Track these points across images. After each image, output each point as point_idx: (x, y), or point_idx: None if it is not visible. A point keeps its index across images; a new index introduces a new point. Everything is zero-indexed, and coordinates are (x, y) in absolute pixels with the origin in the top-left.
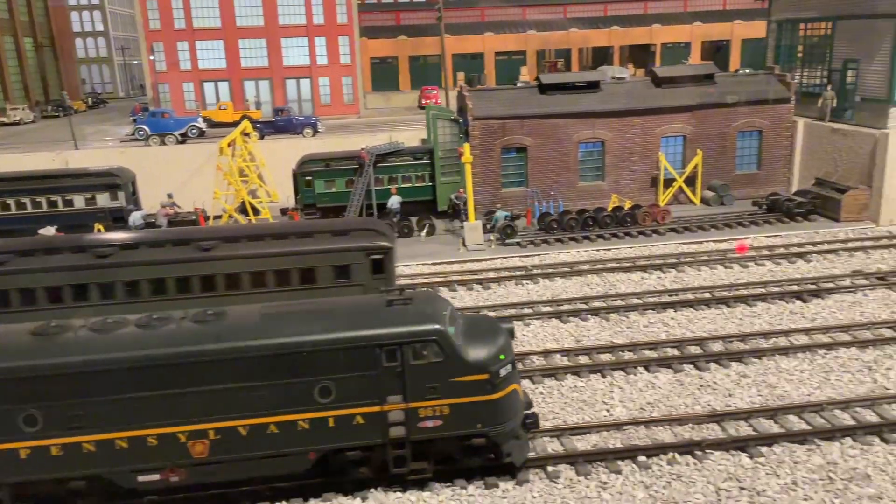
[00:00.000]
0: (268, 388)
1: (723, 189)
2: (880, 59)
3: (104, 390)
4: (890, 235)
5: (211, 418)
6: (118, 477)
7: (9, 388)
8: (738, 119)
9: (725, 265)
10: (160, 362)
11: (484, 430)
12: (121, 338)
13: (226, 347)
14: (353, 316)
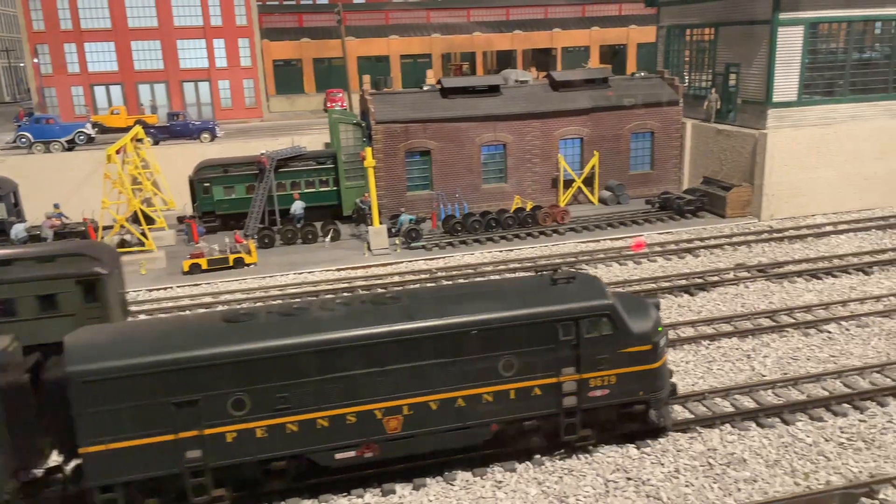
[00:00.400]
0: (457, 363)
1: (619, 189)
2: (758, 63)
3: (307, 372)
4: (770, 230)
5: (405, 395)
6: (319, 455)
7: (222, 373)
8: (632, 121)
9: (621, 262)
10: (360, 343)
11: (645, 397)
12: (312, 321)
13: (421, 326)
14: (527, 294)
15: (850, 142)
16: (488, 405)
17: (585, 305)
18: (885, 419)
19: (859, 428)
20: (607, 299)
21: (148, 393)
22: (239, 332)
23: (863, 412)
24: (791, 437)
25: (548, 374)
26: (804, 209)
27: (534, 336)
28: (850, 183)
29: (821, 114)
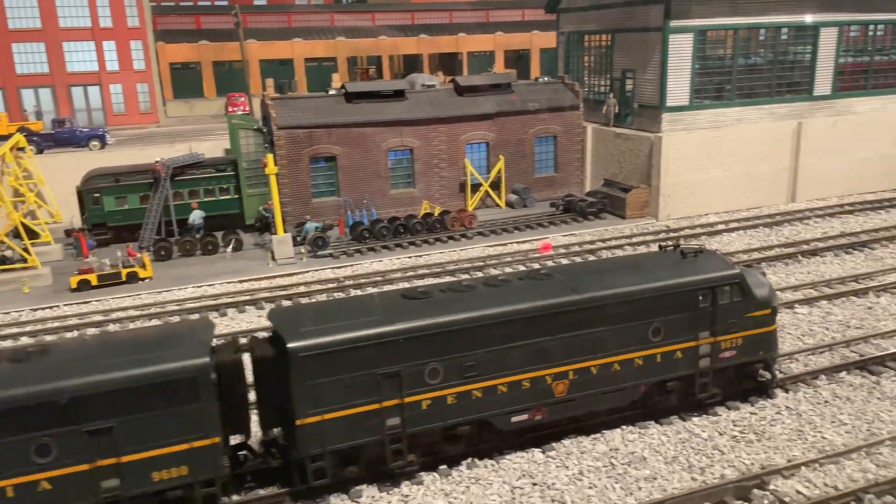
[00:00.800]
0: (615, 331)
1: (525, 192)
2: (652, 69)
3: (491, 342)
4: (668, 229)
5: (571, 361)
6: (498, 419)
7: (421, 345)
8: (535, 125)
9: (527, 265)
10: (536, 314)
11: (765, 356)
12: (489, 296)
13: (587, 298)
14: (668, 267)
15: (738, 144)
16: (639, 368)
17: (720, 275)
18: (773, 411)
19: (751, 420)
20: (736, 269)
21: (357, 366)
22: (426, 308)
23: (753, 405)
24: (688, 433)
25: (688, 338)
26: (698, 209)
27: (679, 304)
28: (739, 183)
29: (711, 117)
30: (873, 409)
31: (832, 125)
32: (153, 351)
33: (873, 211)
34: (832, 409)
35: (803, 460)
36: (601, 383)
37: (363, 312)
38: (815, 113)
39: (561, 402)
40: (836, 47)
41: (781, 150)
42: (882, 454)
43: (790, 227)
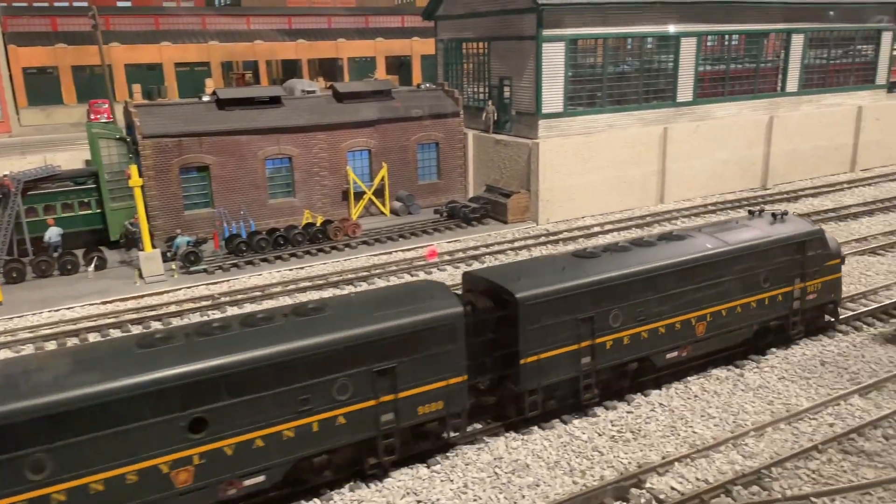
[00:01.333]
0: (739, 279)
1: (409, 199)
2: (528, 76)
3: (655, 290)
4: (547, 233)
5: (709, 305)
6: (656, 357)
7: (608, 294)
8: (417, 132)
9: (412, 273)
10: (687, 267)
11: (835, 298)
12: (645, 254)
13: (724, 251)
14: (770, 226)
15: (610, 149)
16: (753, 310)
17: (807, 231)
18: (648, 409)
19: (627, 420)
20: (818, 227)
21: (563, 312)
22: (601, 264)
23: (630, 403)
24: (569, 436)
25: (785, 284)
26: (576, 212)
27: (780, 256)
28: (612, 186)
29: (584, 123)
30: (738, 401)
31: (694, 130)
32: (416, 303)
33: (732, 209)
34: (701, 403)
35: (676, 456)
36: (728, 324)
37: (555, 269)
38: (679, 119)
39: (701, 341)
40: (696, 56)
41: (650, 154)
42: (748, 445)
43: (660, 227)
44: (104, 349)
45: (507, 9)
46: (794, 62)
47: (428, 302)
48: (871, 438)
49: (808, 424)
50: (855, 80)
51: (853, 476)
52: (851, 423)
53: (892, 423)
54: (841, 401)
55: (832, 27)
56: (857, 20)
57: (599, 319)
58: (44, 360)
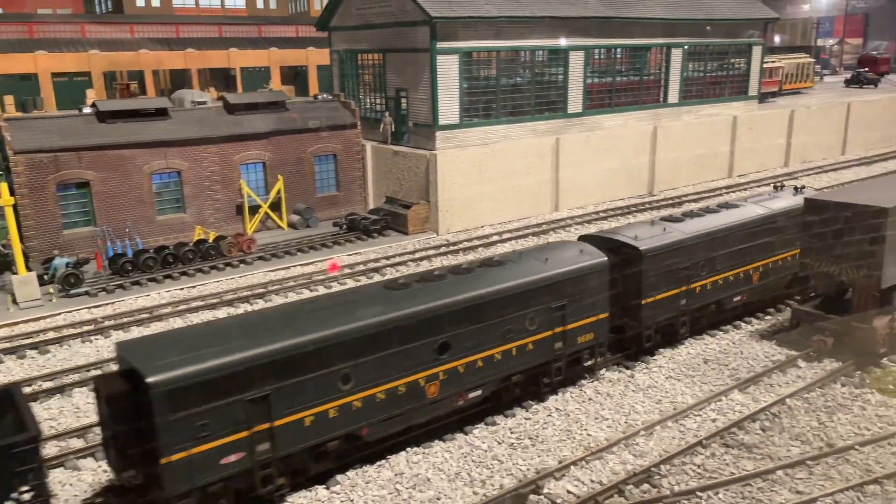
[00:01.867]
0: (780, 238)
1: (307, 212)
2: (424, 88)
3: (725, 246)
4: (448, 243)
5: (755, 261)
6: (727, 301)
7: (700, 247)
8: (314, 144)
9: (311, 288)
10: (749, 227)
11: None
12: (732, 214)
13: (767, 215)
14: (791, 196)
15: (506, 159)
16: (789, 264)
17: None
18: (545, 414)
19: (525, 426)
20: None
21: (673, 262)
22: (689, 225)
23: (528, 410)
24: (469, 447)
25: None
26: (475, 221)
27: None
28: (508, 195)
29: (480, 135)
30: (629, 402)
31: (585, 140)
32: (573, 255)
33: (623, 216)
34: (595, 405)
35: (572, 459)
36: (771, 274)
37: (657, 230)
38: (570, 129)
39: (755, 288)
40: (584, 70)
41: (544, 164)
42: (638, 444)
43: (555, 234)
44: (364, 292)
45: (401, 21)
46: (674, 75)
47: (582, 254)
48: (750, 431)
49: (693, 421)
50: (730, 92)
51: (735, 469)
52: (732, 418)
53: (767, 416)
54: (722, 396)
55: (708, 42)
56: (731, 35)
57: (695, 268)
58: (330, 299)
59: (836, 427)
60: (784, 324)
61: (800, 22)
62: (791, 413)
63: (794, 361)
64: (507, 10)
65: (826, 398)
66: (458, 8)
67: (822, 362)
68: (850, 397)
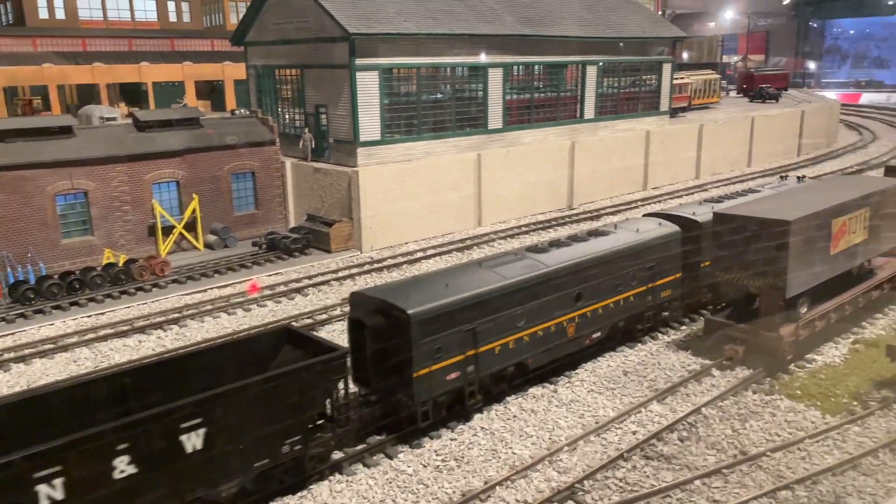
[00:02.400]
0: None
1: (224, 231)
2: (344, 104)
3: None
4: (372, 260)
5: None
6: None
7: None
8: (231, 161)
9: (229, 311)
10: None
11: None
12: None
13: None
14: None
15: (429, 175)
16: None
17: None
18: (471, 434)
19: (451, 447)
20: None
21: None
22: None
23: (453, 430)
24: (395, 472)
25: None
26: (399, 238)
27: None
28: (432, 211)
29: (402, 151)
30: (553, 418)
31: (506, 155)
32: (653, 227)
33: (544, 230)
34: (520, 422)
35: (497, 479)
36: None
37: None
38: (491, 145)
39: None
40: (503, 86)
41: (466, 180)
42: (562, 460)
43: (479, 249)
44: (516, 255)
45: (319, 37)
46: (590, 91)
47: (661, 226)
48: (669, 442)
49: (614, 434)
50: (643, 108)
51: (655, 481)
52: (651, 429)
53: (685, 426)
54: (642, 408)
55: (621, 59)
56: (642, 53)
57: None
58: (496, 259)
59: (748, 434)
60: (698, 333)
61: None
62: (706, 422)
63: (709, 370)
64: (426, 27)
65: (739, 406)
66: (377, 24)
67: (734, 370)
68: (761, 404)
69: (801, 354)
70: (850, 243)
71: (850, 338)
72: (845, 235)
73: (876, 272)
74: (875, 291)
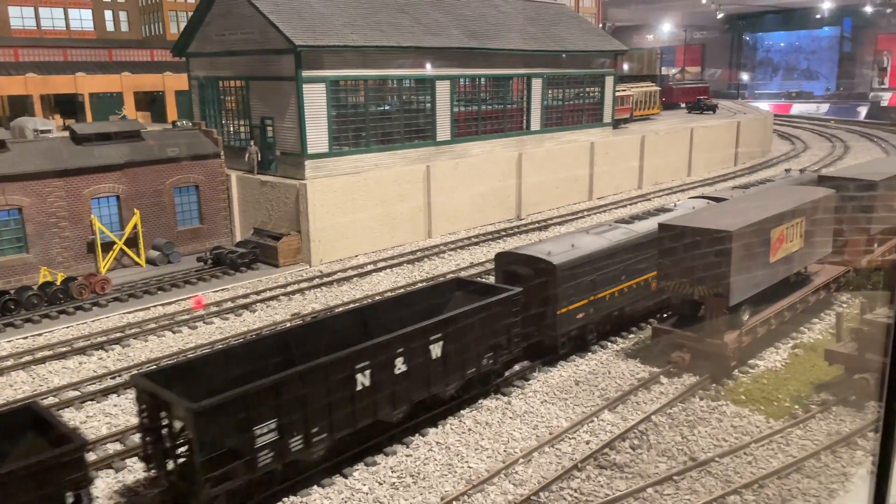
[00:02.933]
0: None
1: (167, 247)
2: (291, 116)
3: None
4: (321, 274)
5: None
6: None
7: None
8: (173, 175)
9: (174, 330)
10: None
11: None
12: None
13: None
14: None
15: (378, 187)
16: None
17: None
18: (426, 449)
19: (406, 463)
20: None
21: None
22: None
23: (408, 446)
24: (350, 491)
25: None
26: (348, 251)
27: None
28: (381, 223)
29: (351, 163)
30: (507, 430)
31: (455, 167)
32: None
33: (493, 241)
34: (475, 436)
35: (454, 495)
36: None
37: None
38: (440, 157)
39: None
40: (451, 98)
41: (416, 191)
42: (518, 472)
43: (430, 261)
44: (605, 226)
45: (265, 49)
46: (535, 104)
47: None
48: (621, 451)
49: (568, 444)
50: (587, 119)
51: (609, 490)
52: (604, 438)
53: (636, 434)
54: (594, 417)
55: (565, 72)
56: (585, 65)
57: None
58: (601, 228)
59: (697, 440)
60: (646, 341)
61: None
62: (657, 429)
63: (657, 378)
64: (372, 39)
65: (687, 412)
66: (324, 36)
67: (682, 377)
68: (708, 410)
69: (744, 360)
70: (787, 251)
71: (790, 342)
72: (783, 244)
73: (812, 278)
74: (812, 297)
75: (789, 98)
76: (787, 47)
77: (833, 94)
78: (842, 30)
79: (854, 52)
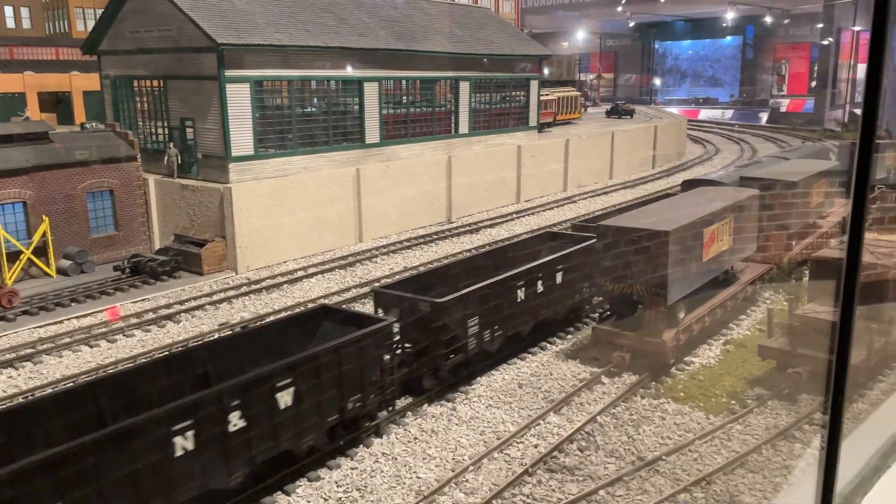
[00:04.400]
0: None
1: (81, 256)
2: (213, 118)
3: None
4: (249, 282)
5: None
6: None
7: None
8: (85, 179)
9: (91, 344)
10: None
11: None
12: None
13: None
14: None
15: (306, 190)
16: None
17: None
18: (372, 461)
19: (352, 477)
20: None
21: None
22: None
23: (353, 458)
24: None
25: None
26: (277, 257)
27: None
28: (310, 227)
29: (278, 166)
30: (454, 437)
31: (384, 170)
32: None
33: (425, 244)
34: (422, 445)
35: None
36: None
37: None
38: (369, 159)
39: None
40: (379, 100)
41: (345, 195)
42: (468, 481)
43: (362, 266)
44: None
45: (184, 47)
46: (463, 107)
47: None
48: (570, 453)
49: (516, 449)
50: (513, 123)
51: (561, 494)
52: (552, 441)
53: (583, 436)
54: (540, 420)
55: (492, 76)
56: (511, 70)
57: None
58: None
59: (643, 439)
60: (585, 342)
61: (565, 58)
62: (603, 430)
63: (599, 378)
64: (298, 38)
65: (630, 412)
66: (247, 35)
67: (623, 377)
68: (651, 408)
69: (680, 358)
70: (718, 251)
71: (721, 339)
72: (715, 243)
73: (739, 276)
74: (740, 294)
75: (697, 104)
76: (694, 55)
77: (737, 100)
78: (744, 38)
79: (756, 61)
